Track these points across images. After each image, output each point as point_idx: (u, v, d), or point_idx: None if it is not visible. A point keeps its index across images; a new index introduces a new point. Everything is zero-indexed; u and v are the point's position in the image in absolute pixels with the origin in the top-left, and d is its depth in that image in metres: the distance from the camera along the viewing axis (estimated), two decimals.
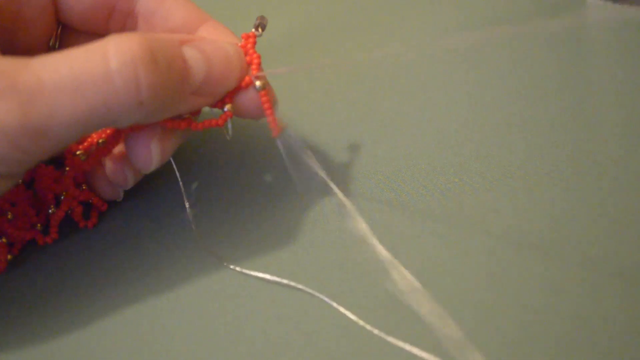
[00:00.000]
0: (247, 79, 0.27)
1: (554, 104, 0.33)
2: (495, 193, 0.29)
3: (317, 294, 0.26)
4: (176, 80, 0.24)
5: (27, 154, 0.23)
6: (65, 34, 0.30)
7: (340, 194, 0.27)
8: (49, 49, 0.30)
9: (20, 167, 0.24)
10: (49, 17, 0.29)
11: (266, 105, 0.27)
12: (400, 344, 0.24)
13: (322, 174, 0.28)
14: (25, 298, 0.27)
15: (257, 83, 0.27)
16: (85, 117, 0.23)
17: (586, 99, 0.33)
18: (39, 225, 0.29)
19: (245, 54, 0.28)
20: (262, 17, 0.29)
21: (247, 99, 0.27)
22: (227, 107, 0.27)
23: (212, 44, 0.26)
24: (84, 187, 0.30)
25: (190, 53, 0.25)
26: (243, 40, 0.28)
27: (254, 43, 0.28)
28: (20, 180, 0.28)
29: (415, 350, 0.23)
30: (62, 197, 0.29)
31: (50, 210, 0.29)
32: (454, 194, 0.29)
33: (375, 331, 0.24)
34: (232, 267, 0.27)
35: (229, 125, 0.28)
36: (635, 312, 0.24)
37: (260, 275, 0.26)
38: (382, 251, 0.27)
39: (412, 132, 0.33)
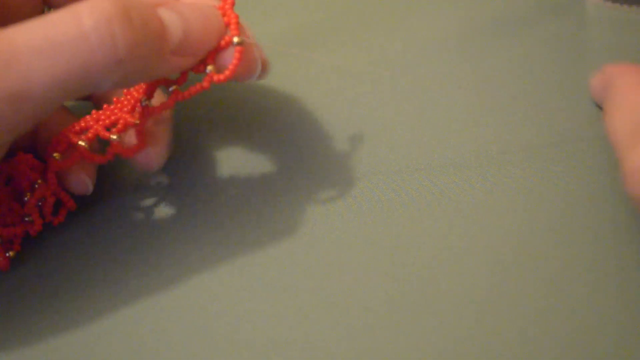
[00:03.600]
0: (226, 38, 0.27)
1: (554, 104, 0.33)
2: (495, 193, 0.29)
3: None
4: (153, 38, 0.24)
5: (8, 122, 0.23)
6: None
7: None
8: None
9: (2, 137, 0.24)
10: (36, 2, 0.29)
11: (235, 62, 0.27)
12: None
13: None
14: (27, 295, 0.27)
15: (235, 39, 0.27)
16: (63, 79, 0.23)
17: (586, 98, 0.33)
18: (28, 217, 0.28)
19: (223, 14, 0.28)
20: None
21: (229, 58, 0.27)
22: (209, 69, 0.27)
23: (189, 5, 0.26)
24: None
25: (165, 14, 0.25)
26: (221, 1, 0.28)
27: (233, 3, 0.28)
28: None
29: None
30: (36, 185, 0.28)
31: (25, 198, 0.28)
32: (454, 193, 0.29)
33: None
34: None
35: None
36: (634, 310, 0.24)
37: None
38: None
39: (412, 132, 0.33)
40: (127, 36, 0.23)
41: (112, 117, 0.29)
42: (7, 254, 0.28)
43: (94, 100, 0.32)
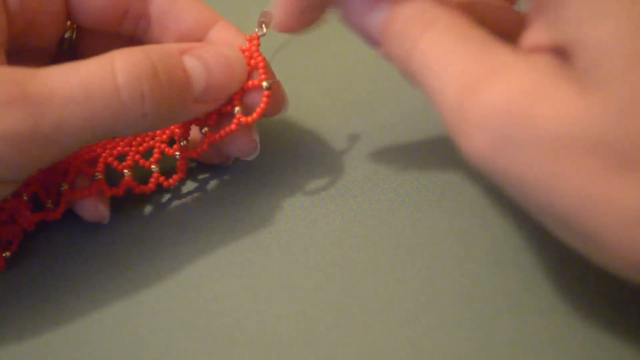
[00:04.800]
0: (254, 81, 0.28)
1: None
2: (495, 192, 0.29)
3: None
4: (177, 91, 0.25)
5: (33, 161, 0.24)
6: (78, 33, 0.31)
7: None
8: (60, 48, 0.31)
9: (24, 173, 0.25)
10: (61, 22, 0.29)
11: (262, 106, 0.28)
12: None
13: None
14: (23, 294, 0.27)
15: (264, 84, 0.27)
16: (92, 127, 0.24)
17: None
18: (49, 202, 0.29)
19: (250, 57, 0.28)
20: (266, 13, 0.29)
21: (256, 98, 0.28)
22: (236, 109, 0.28)
23: (213, 51, 0.27)
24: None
25: (190, 62, 0.26)
26: (247, 42, 0.28)
27: (258, 45, 0.28)
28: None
29: None
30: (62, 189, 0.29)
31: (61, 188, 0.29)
32: (454, 193, 0.29)
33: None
34: None
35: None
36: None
37: None
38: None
39: (412, 131, 0.33)
40: (154, 94, 0.24)
41: (145, 145, 0.30)
42: (4, 255, 0.28)
43: None
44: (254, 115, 0.28)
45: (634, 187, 0.19)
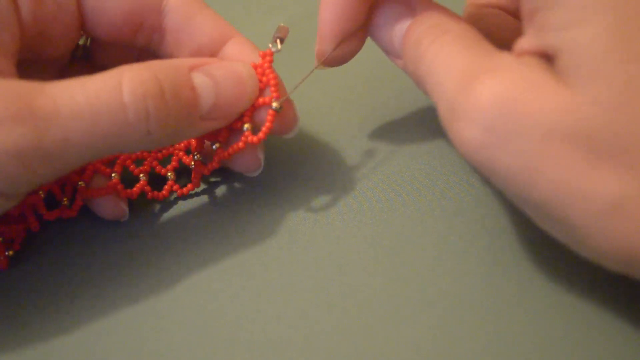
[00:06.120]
0: (266, 98, 0.27)
1: None
2: (494, 193, 0.29)
3: None
4: (183, 110, 0.25)
5: (37, 176, 0.24)
6: (92, 42, 0.31)
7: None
8: (74, 56, 0.31)
9: (28, 188, 0.24)
10: (75, 32, 0.29)
11: (267, 125, 0.28)
12: None
13: None
14: (25, 294, 0.27)
15: (274, 104, 0.27)
16: (97, 144, 0.24)
17: None
18: (65, 200, 0.29)
19: (262, 73, 0.28)
20: (281, 29, 0.29)
21: (266, 117, 0.28)
22: (246, 127, 0.28)
23: (224, 68, 0.27)
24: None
25: (199, 79, 0.26)
26: (260, 59, 0.28)
27: (271, 61, 0.28)
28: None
29: None
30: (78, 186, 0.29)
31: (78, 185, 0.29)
32: (454, 193, 0.29)
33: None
34: None
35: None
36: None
37: None
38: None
39: (412, 131, 0.33)
40: (159, 113, 0.24)
41: (164, 151, 0.30)
42: (7, 253, 0.28)
43: None
44: (260, 134, 0.28)
45: (610, 178, 0.20)
